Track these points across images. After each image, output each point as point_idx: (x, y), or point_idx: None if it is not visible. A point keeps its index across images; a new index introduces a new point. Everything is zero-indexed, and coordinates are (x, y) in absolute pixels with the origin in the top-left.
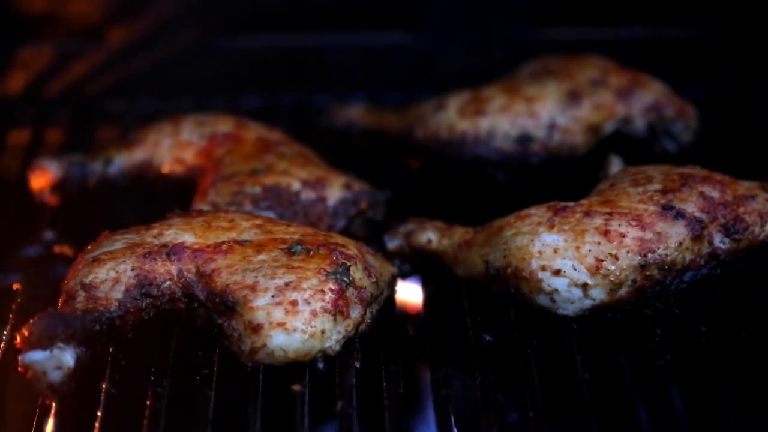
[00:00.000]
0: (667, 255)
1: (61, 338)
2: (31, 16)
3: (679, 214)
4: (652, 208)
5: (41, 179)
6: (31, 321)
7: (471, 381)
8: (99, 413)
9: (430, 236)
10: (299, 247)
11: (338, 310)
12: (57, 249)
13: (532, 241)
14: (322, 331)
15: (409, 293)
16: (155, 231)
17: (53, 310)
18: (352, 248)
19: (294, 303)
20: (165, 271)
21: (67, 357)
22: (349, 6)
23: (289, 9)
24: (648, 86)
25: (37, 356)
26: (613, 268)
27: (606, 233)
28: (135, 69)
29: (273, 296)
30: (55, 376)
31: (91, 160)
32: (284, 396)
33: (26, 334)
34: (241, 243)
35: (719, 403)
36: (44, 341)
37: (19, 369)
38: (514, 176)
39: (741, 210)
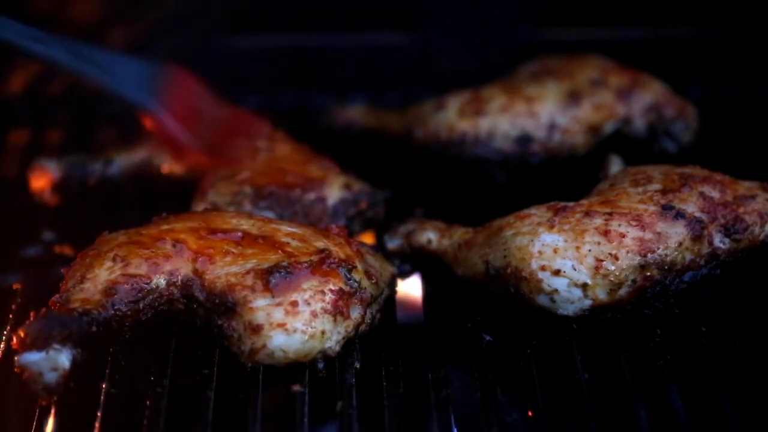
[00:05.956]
0: (667, 255)
1: (57, 339)
2: (31, 15)
3: (679, 214)
4: (652, 208)
5: (41, 179)
6: (27, 322)
7: (471, 381)
8: (99, 413)
9: (430, 236)
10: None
11: (338, 311)
12: (57, 249)
13: (532, 241)
14: (323, 332)
15: (409, 293)
16: (154, 231)
17: (49, 311)
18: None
19: (294, 304)
20: (164, 272)
21: (63, 358)
22: (349, 6)
23: (289, 9)
24: (648, 86)
25: (32, 357)
26: (613, 268)
27: (606, 233)
28: None
29: (273, 297)
30: (51, 377)
31: (91, 160)
32: (284, 396)
33: (22, 335)
34: (241, 243)
35: (719, 403)
36: (40, 342)
37: (15, 370)
38: (514, 176)
39: (741, 210)
